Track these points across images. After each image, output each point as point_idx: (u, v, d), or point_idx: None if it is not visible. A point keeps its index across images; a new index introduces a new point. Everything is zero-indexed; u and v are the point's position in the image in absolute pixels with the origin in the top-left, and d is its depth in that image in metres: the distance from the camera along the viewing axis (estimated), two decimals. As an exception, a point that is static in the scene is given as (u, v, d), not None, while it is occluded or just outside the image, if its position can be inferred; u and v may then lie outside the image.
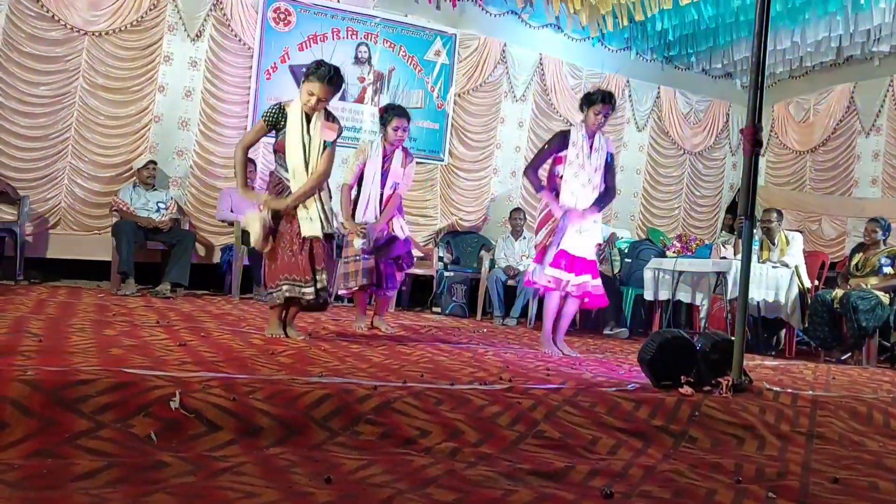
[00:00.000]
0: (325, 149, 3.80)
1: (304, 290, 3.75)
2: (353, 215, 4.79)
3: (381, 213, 4.78)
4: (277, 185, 3.82)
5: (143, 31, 6.86)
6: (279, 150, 3.79)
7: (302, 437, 1.96)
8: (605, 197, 4.45)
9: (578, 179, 4.33)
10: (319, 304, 3.89)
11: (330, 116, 3.86)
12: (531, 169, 4.51)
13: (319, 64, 3.74)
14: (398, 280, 5.05)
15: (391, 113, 4.82)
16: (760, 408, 2.73)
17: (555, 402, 2.45)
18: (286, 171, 3.77)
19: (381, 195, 4.80)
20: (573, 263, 4.33)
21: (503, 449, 2.07)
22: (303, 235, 3.74)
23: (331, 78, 3.69)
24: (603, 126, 4.41)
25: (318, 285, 3.79)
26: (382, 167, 4.79)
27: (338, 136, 3.88)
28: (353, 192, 4.84)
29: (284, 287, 3.74)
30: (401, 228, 4.93)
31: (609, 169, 4.47)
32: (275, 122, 3.77)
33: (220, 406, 1.97)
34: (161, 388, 2.00)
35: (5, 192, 6.33)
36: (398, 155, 4.85)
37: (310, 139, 3.76)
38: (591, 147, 4.37)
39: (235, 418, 1.95)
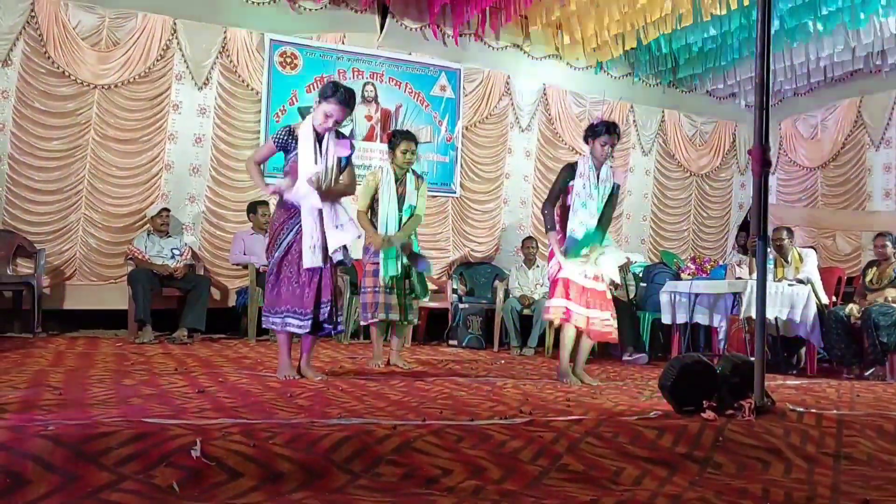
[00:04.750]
0: (344, 166, 3.90)
1: (301, 323, 3.80)
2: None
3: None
4: (289, 210, 3.85)
5: (152, 82, 6.98)
6: (290, 173, 3.84)
7: (323, 480, 1.95)
8: (602, 224, 4.43)
9: (587, 209, 4.35)
10: (323, 334, 4.00)
11: (340, 135, 3.94)
12: (549, 204, 4.48)
13: (336, 86, 3.83)
14: (414, 310, 5.09)
15: (399, 137, 4.95)
16: (785, 430, 2.69)
17: (577, 434, 2.43)
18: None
19: (400, 219, 4.86)
20: (582, 295, 4.33)
21: (527, 485, 2.04)
22: (304, 266, 3.77)
23: (349, 101, 3.82)
24: (610, 155, 4.44)
25: (322, 318, 3.84)
26: (397, 191, 4.85)
27: (351, 153, 3.96)
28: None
29: (288, 319, 3.81)
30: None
31: (611, 198, 4.48)
32: (284, 144, 3.83)
33: (241, 452, 1.97)
34: (181, 436, 2.00)
35: (22, 245, 6.41)
36: (410, 178, 4.93)
37: (324, 159, 3.81)
38: (598, 178, 4.40)
39: (256, 464, 1.94)
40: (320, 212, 3.80)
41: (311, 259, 3.76)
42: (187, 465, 1.89)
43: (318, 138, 3.83)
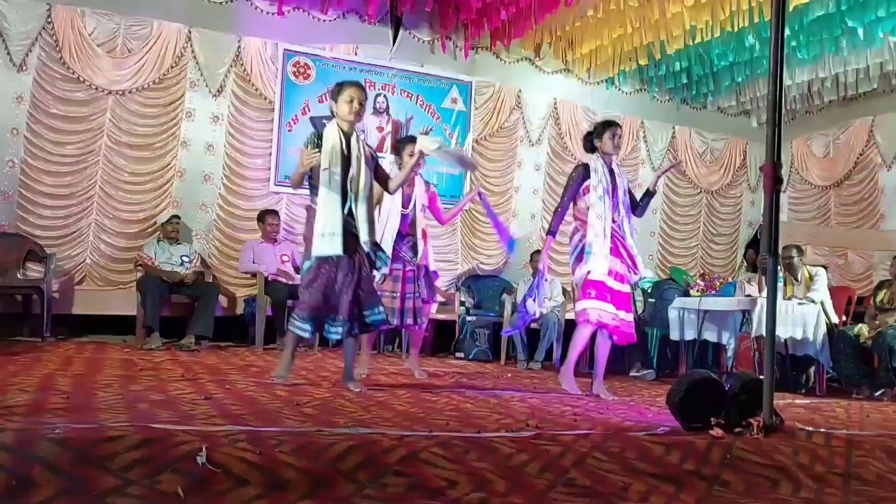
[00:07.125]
0: (374, 167, 3.92)
1: (332, 328, 3.80)
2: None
3: (404, 231, 4.89)
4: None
5: (166, 89, 7.01)
6: (318, 177, 3.78)
7: (329, 489, 1.94)
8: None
9: (605, 202, 4.43)
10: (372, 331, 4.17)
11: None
12: (560, 211, 4.60)
13: (341, 81, 3.94)
14: (427, 313, 5.12)
15: (404, 141, 5.00)
16: (794, 449, 2.67)
17: (584, 449, 2.41)
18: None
19: (404, 216, 4.89)
20: (613, 297, 4.41)
21: (532, 498, 2.03)
22: (314, 253, 3.74)
23: (361, 84, 3.93)
24: (619, 146, 4.60)
25: (372, 318, 3.87)
26: (403, 191, 4.86)
27: (375, 160, 4.00)
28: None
29: (308, 326, 3.79)
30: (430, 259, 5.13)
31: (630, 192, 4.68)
32: (317, 148, 3.78)
33: (247, 460, 1.97)
34: (188, 442, 1.99)
35: (32, 250, 6.43)
36: (418, 181, 4.98)
37: (352, 157, 3.81)
38: (610, 171, 4.52)
39: (262, 472, 1.94)
40: (343, 203, 3.76)
41: (326, 247, 3.70)
42: (193, 472, 1.88)
43: (346, 138, 3.83)
